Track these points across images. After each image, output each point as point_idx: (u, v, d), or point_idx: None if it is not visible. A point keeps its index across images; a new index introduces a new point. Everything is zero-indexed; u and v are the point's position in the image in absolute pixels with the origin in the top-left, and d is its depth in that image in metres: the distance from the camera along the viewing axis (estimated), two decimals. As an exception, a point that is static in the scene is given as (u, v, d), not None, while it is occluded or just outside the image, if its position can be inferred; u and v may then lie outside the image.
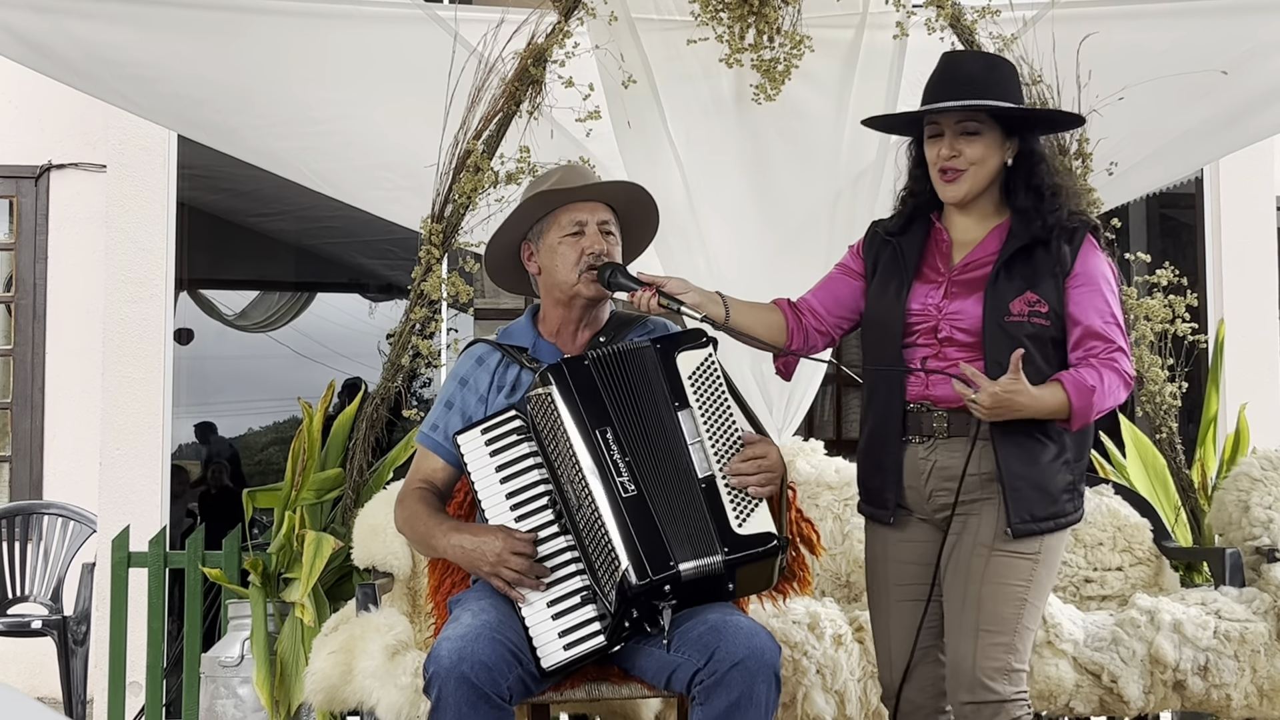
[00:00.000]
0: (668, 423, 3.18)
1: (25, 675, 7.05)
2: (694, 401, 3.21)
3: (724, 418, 3.21)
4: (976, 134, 3.28)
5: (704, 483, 3.14)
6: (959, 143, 3.28)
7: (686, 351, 3.25)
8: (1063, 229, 3.25)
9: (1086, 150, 4.65)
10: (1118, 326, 3.22)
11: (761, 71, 4.68)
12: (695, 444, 3.17)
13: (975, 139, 3.27)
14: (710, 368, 3.25)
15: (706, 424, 3.19)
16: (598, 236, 3.41)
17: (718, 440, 3.18)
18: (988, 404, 3.09)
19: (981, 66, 3.41)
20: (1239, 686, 4.00)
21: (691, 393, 3.21)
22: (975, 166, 3.28)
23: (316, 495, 4.64)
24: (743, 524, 3.11)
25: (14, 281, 7.68)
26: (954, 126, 3.28)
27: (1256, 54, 4.91)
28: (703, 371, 3.24)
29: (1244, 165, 7.04)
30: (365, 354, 8.39)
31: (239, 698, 4.52)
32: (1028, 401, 3.11)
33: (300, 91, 4.98)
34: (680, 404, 3.20)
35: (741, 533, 3.10)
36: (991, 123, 3.28)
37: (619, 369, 3.23)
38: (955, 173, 3.29)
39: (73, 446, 7.50)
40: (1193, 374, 4.87)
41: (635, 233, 3.57)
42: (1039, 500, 3.18)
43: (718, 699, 2.98)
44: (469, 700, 2.96)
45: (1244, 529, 4.38)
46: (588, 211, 3.43)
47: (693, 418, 3.19)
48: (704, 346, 3.27)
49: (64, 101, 7.06)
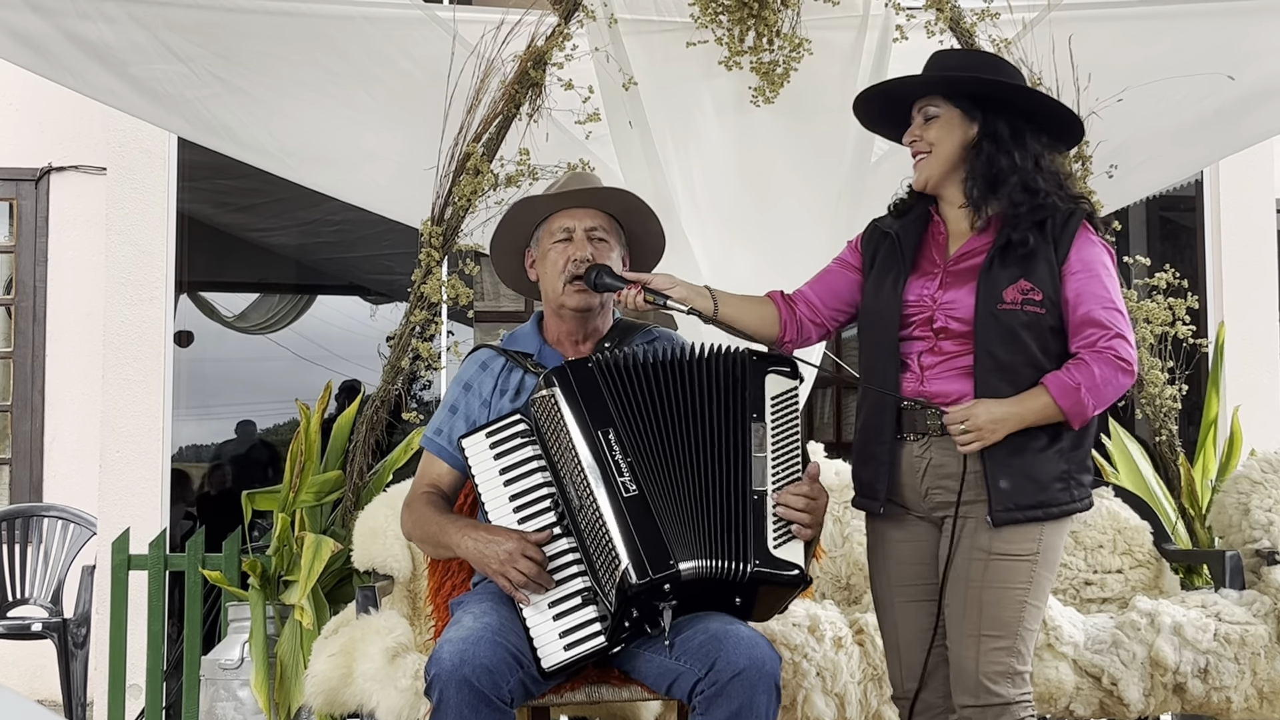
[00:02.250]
0: (724, 430, 3.19)
1: (25, 678, 7.05)
2: (770, 420, 3.22)
3: (791, 446, 3.23)
4: (935, 117, 3.32)
5: (756, 495, 3.16)
6: (919, 127, 3.34)
7: (777, 375, 3.28)
8: (1058, 215, 3.24)
9: (1086, 153, 4.65)
10: (1117, 311, 3.20)
11: (761, 74, 4.68)
12: (759, 458, 3.18)
13: (933, 122, 3.32)
14: (793, 399, 3.28)
15: (774, 444, 3.21)
16: (584, 242, 3.42)
17: (780, 464, 3.20)
18: (965, 429, 3.13)
19: (963, 58, 3.51)
20: (1239, 689, 4.00)
21: (770, 411, 3.23)
22: (935, 147, 3.31)
23: (315, 497, 4.64)
24: (779, 546, 3.13)
25: (14, 284, 7.68)
26: (919, 113, 3.34)
27: (1256, 56, 4.92)
28: (786, 398, 3.26)
29: (1244, 168, 7.05)
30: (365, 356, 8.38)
31: (239, 700, 4.52)
32: (1005, 413, 3.13)
33: (299, 92, 4.98)
34: (758, 416, 3.21)
35: (775, 554, 3.12)
36: (949, 105, 3.31)
37: (646, 374, 3.23)
38: (920, 155, 3.34)
39: (73, 449, 7.50)
40: (1192, 377, 4.87)
41: (643, 243, 3.58)
42: (1025, 488, 3.16)
43: (718, 709, 2.98)
44: (470, 703, 2.96)
45: (1244, 531, 4.37)
46: (576, 218, 3.45)
47: (765, 433, 3.21)
48: (794, 379, 3.30)
49: (64, 104, 7.07)
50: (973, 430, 3.13)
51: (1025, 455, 3.17)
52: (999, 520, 3.16)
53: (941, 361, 3.23)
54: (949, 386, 3.22)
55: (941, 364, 3.24)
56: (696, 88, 4.87)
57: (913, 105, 3.37)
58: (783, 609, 3.32)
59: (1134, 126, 4.78)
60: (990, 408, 3.14)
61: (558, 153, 4.69)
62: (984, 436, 3.13)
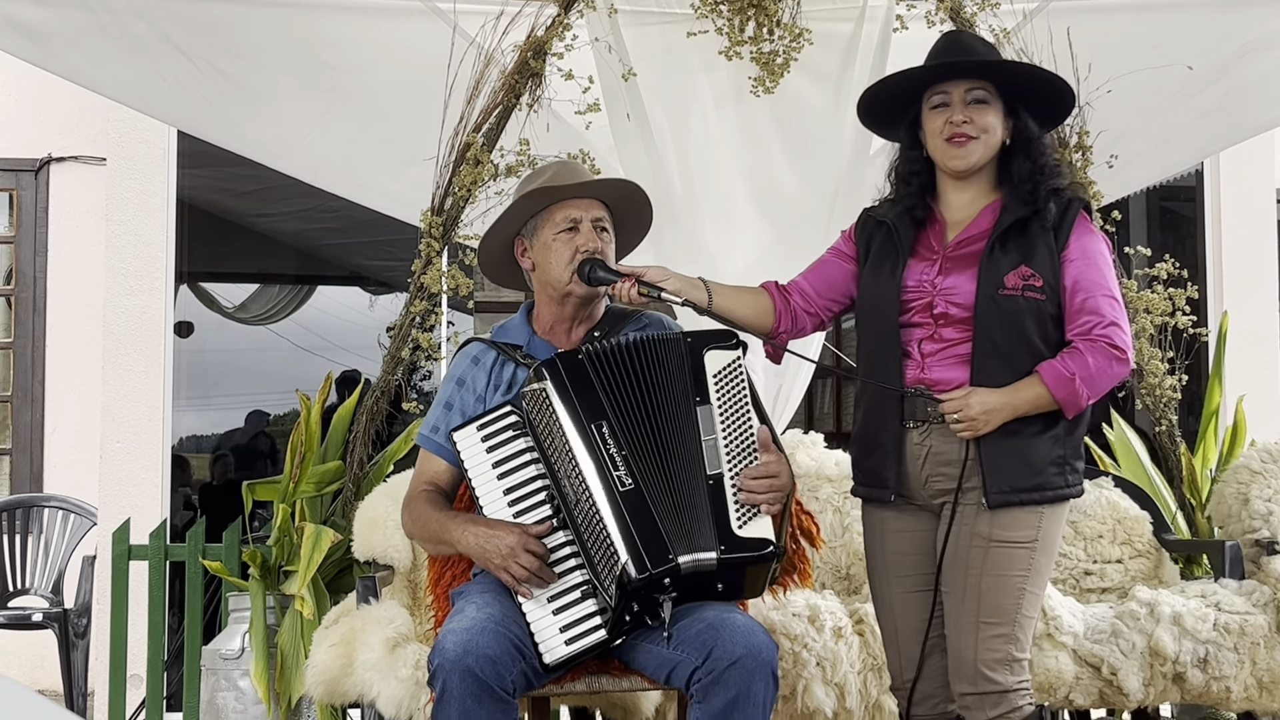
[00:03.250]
0: (680, 416, 3.18)
1: (26, 668, 7.06)
2: (715, 399, 3.20)
3: (742, 421, 3.20)
4: (985, 103, 3.31)
5: (711, 480, 3.13)
6: (969, 110, 3.30)
7: (716, 350, 3.25)
8: (1057, 204, 3.26)
9: (1086, 143, 4.65)
10: (1114, 299, 3.21)
11: (761, 64, 4.68)
12: (709, 440, 3.16)
13: (985, 107, 3.30)
14: (736, 370, 3.25)
15: (724, 424, 3.18)
16: (592, 234, 3.41)
17: (732, 442, 3.17)
18: (958, 418, 3.14)
19: (984, 44, 3.47)
20: (1238, 679, 4.00)
21: (714, 390, 3.21)
22: (986, 135, 3.30)
23: (316, 488, 4.64)
24: (743, 526, 3.10)
25: (14, 275, 7.68)
26: (963, 95, 3.30)
27: (1256, 46, 4.91)
28: (728, 372, 3.24)
29: (1244, 158, 7.04)
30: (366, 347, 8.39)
31: (240, 690, 4.52)
32: (998, 403, 3.14)
33: (299, 84, 4.97)
34: (701, 399, 3.19)
35: (741, 534, 3.09)
36: (996, 97, 3.31)
37: (625, 360, 3.23)
38: (966, 139, 3.29)
39: (73, 439, 7.51)
40: (1192, 367, 4.87)
41: (627, 230, 3.57)
42: (1019, 471, 3.17)
43: (715, 698, 2.98)
44: (474, 693, 2.96)
45: (1244, 521, 4.38)
46: (582, 209, 3.43)
47: (711, 415, 3.18)
48: (734, 349, 3.27)
49: (63, 95, 7.05)
50: (965, 421, 3.14)
51: (1020, 439, 3.17)
52: (994, 503, 3.16)
53: (942, 349, 3.23)
54: (950, 374, 3.22)
55: (941, 351, 3.24)
56: (696, 79, 4.86)
57: (924, 93, 3.36)
58: (770, 582, 3.25)
59: (1134, 116, 4.77)
60: (984, 398, 3.14)
61: (558, 143, 4.68)
62: (977, 427, 3.14)
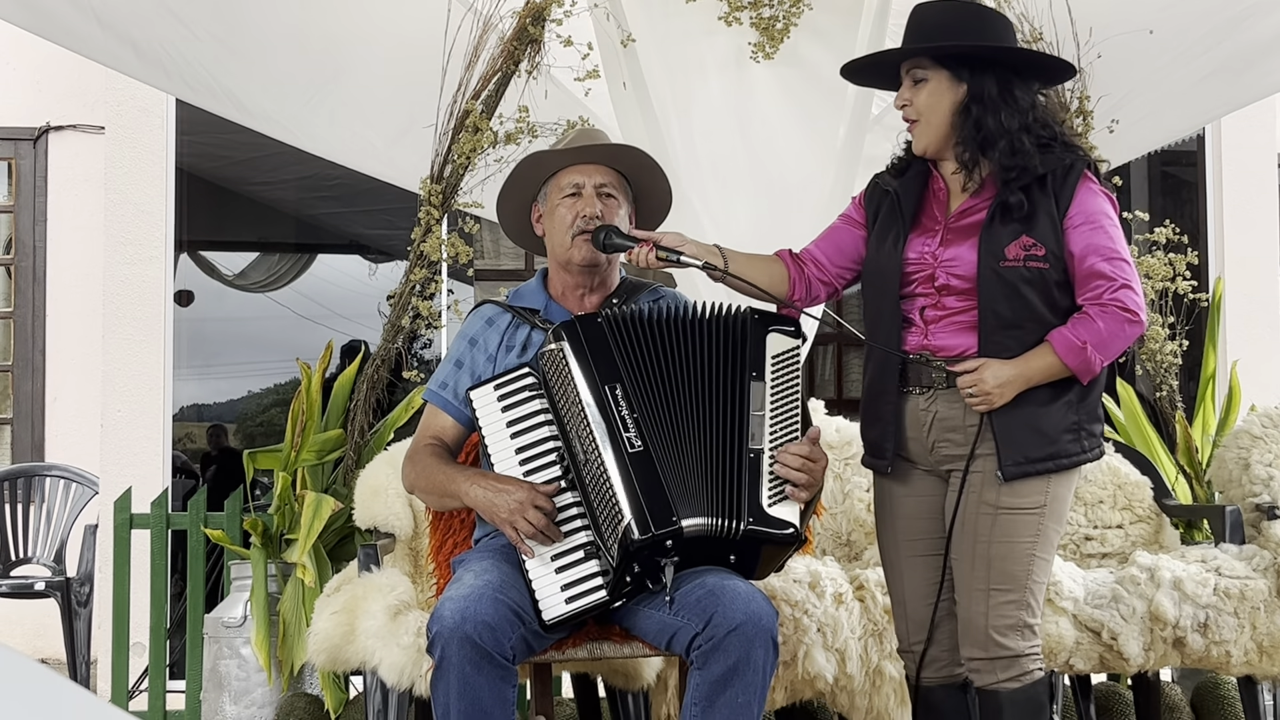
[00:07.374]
0: (723, 386, 3.19)
1: (29, 637, 7.08)
2: (770, 379, 3.22)
3: (790, 406, 3.22)
4: (923, 81, 3.27)
5: (753, 454, 3.15)
6: (909, 91, 3.29)
7: (779, 334, 3.27)
8: (1059, 166, 3.21)
9: (1087, 108, 4.64)
10: (1122, 261, 3.17)
11: (761, 29, 4.66)
12: (758, 416, 3.18)
13: (921, 86, 3.27)
14: (794, 359, 3.27)
15: (773, 404, 3.20)
16: (593, 199, 3.41)
17: (777, 423, 3.19)
18: (975, 391, 3.13)
19: (946, 14, 3.32)
20: (1239, 643, 4.01)
21: (770, 370, 3.23)
22: (925, 114, 3.27)
23: (317, 456, 4.65)
24: (773, 505, 3.12)
25: (13, 244, 7.67)
26: (907, 75, 3.30)
27: (1258, 10, 4.88)
28: (787, 357, 3.26)
29: (1245, 123, 7.02)
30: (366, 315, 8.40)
31: (242, 658, 4.53)
32: (1011, 374, 3.13)
33: (296, 52, 4.95)
34: (758, 375, 3.21)
35: (769, 512, 3.11)
36: (936, 67, 3.26)
37: (646, 328, 3.23)
38: (912, 123, 3.30)
39: (74, 409, 7.51)
40: (1194, 332, 4.86)
41: (650, 199, 3.58)
42: (1033, 441, 3.16)
43: (715, 664, 2.99)
44: (472, 660, 2.96)
45: (1244, 486, 4.38)
46: (585, 174, 3.44)
47: (764, 392, 3.20)
48: (796, 336, 3.30)
49: (62, 63, 7.04)
50: (980, 395, 3.13)
51: (1031, 407, 3.16)
52: (1009, 474, 3.15)
53: (945, 316, 3.22)
54: (953, 340, 3.21)
55: (945, 318, 3.23)
56: (696, 44, 4.84)
57: (900, 64, 3.34)
58: (779, 567, 3.32)
59: (1135, 81, 4.75)
60: (997, 370, 3.13)
61: (557, 110, 4.67)
62: (992, 400, 3.13)
